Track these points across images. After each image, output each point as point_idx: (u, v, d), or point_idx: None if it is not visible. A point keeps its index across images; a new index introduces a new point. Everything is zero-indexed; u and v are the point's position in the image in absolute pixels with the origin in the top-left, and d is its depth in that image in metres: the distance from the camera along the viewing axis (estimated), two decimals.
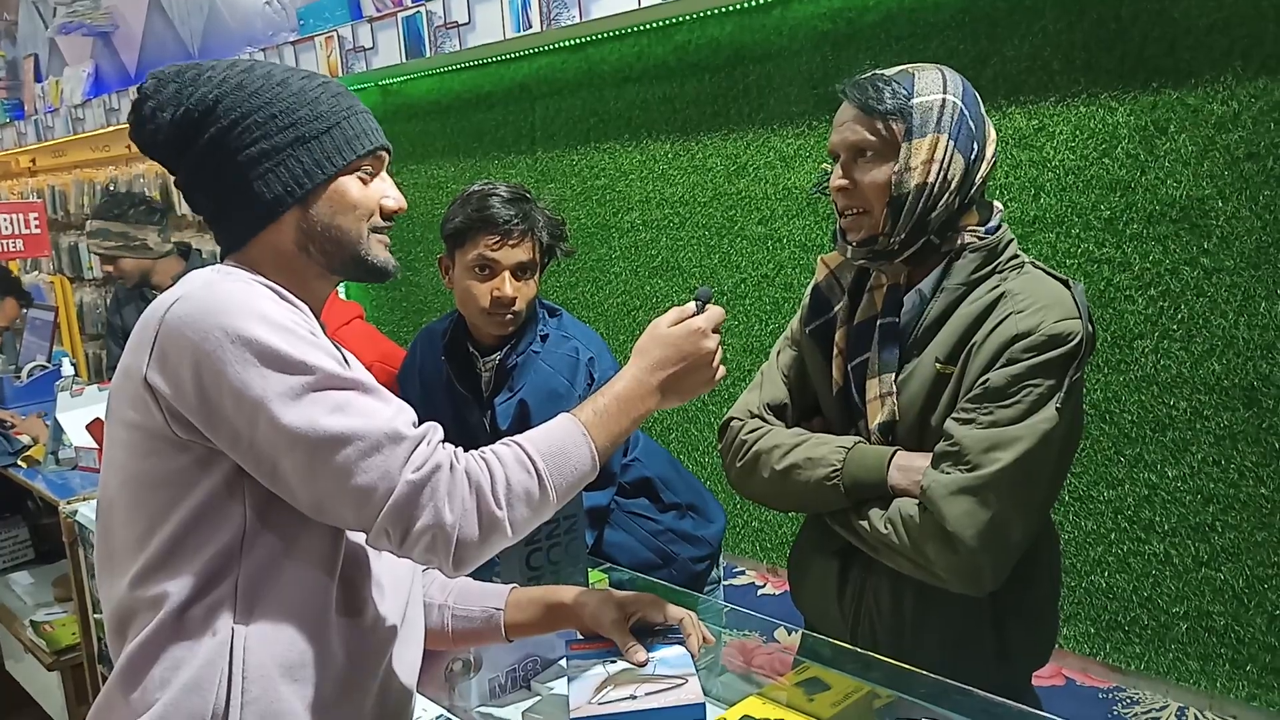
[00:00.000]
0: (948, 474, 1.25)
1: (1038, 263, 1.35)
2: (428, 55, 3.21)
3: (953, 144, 1.28)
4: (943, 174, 1.28)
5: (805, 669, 1.32)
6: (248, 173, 1.05)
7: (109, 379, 1.26)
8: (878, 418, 1.34)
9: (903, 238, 1.30)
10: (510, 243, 1.79)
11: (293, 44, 3.81)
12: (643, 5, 2.50)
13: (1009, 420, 1.23)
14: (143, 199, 3.38)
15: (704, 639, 1.25)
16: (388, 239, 1.14)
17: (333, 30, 3.58)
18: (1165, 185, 1.92)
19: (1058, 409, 1.23)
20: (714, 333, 1.18)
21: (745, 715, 1.22)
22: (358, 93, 3.62)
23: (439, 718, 1.30)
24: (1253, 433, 1.87)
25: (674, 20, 2.73)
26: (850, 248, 1.35)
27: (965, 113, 1.29)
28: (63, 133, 5.77)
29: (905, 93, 1.29)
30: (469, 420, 1.92)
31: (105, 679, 1.07)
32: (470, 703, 1.35)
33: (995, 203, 1.37)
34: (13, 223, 4.51)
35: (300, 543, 1.02)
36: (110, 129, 5.28)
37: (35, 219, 4.59)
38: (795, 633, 1.48)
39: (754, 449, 1.43)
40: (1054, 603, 1.45)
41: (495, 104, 3.37)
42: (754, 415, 1.47)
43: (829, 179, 1.36)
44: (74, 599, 2.52)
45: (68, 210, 6.33)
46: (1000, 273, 1.31)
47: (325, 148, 1.07)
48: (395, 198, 1.13)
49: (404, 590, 1.15)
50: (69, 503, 2.39)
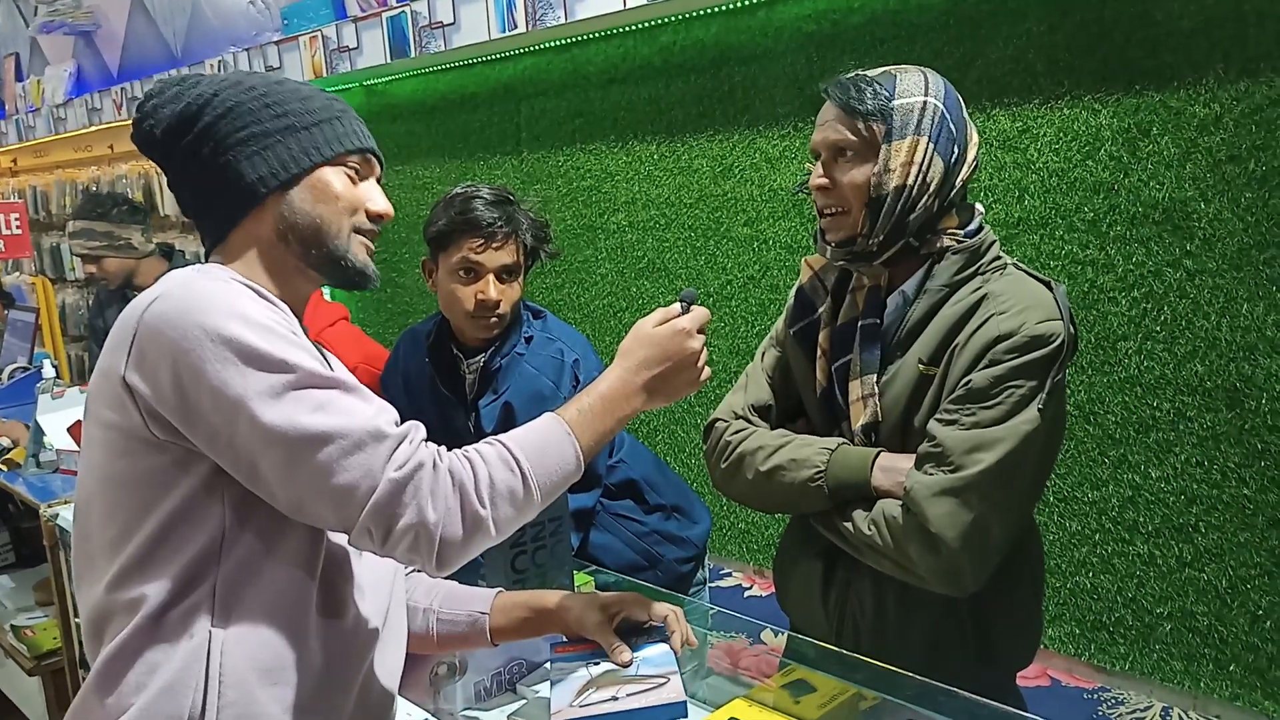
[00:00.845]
0: (930, 475, 1.25)
1: (1020, 264, 1.35)
2: (413, 55, 3.20)
3: (933, 146, 1.28)
4: (921, 176, 1.28)
5: (791, 671, 1.32)
6: (234, 155, 1.06)
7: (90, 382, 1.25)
8: (860, 419, 1.34)
9: (881, 239, 1.31)
10: (494, 245, 1.79)
11: (277, 44, 3.79)
12: (628, 6, 2.50)
13: (991, 421, 1.24)
14: (125, 199, 3.35)
15: (686, 639, 1.25)
16: (371, 245, 1.14)
17: (317, 30, 3.56)
18: (1148, 187, 1.93)
19: (1040, 410, 1.23)
20: (699, 333, 1.18)
21: (732, 717, 1.22)
22: (342, 93, 3.61)
23: None
24: (1235, 434, 1.88)
25: (659, 21, 2.73)
26: (830, 248, 1.35)
27: (946, 115, 1.30)
28: (44, 132, 5.73)
29: (887, 94, 1.29)
30: (453, 422, 1.91)
31: None
32: (455, 706, 1.34)
33: (976, 205, 1.38)
34: None
35: (280, 545, 1.01)
36: (92, 129, 5.24)
37: (16, 219, 4.54)
38: (781, 634, 1.48)
39: (738, 450, 1.43)
40: (1037, 603, 1.46)
41: (481, 105, 3.36)
42: (739, 416, 1.47)
43: (810, 178, 1.37)
44: (55, 603, 2.50)
45: (49, 211, 6.28)
46: (983, 274, 1.32)
47: (314, 138, 1.08)
48: (382, 202, 1.13)
49: (385, 592, 1.14)
50: (50, 506, 2.37)
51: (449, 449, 1.03)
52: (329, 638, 1.04)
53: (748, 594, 2.73)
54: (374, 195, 1.13)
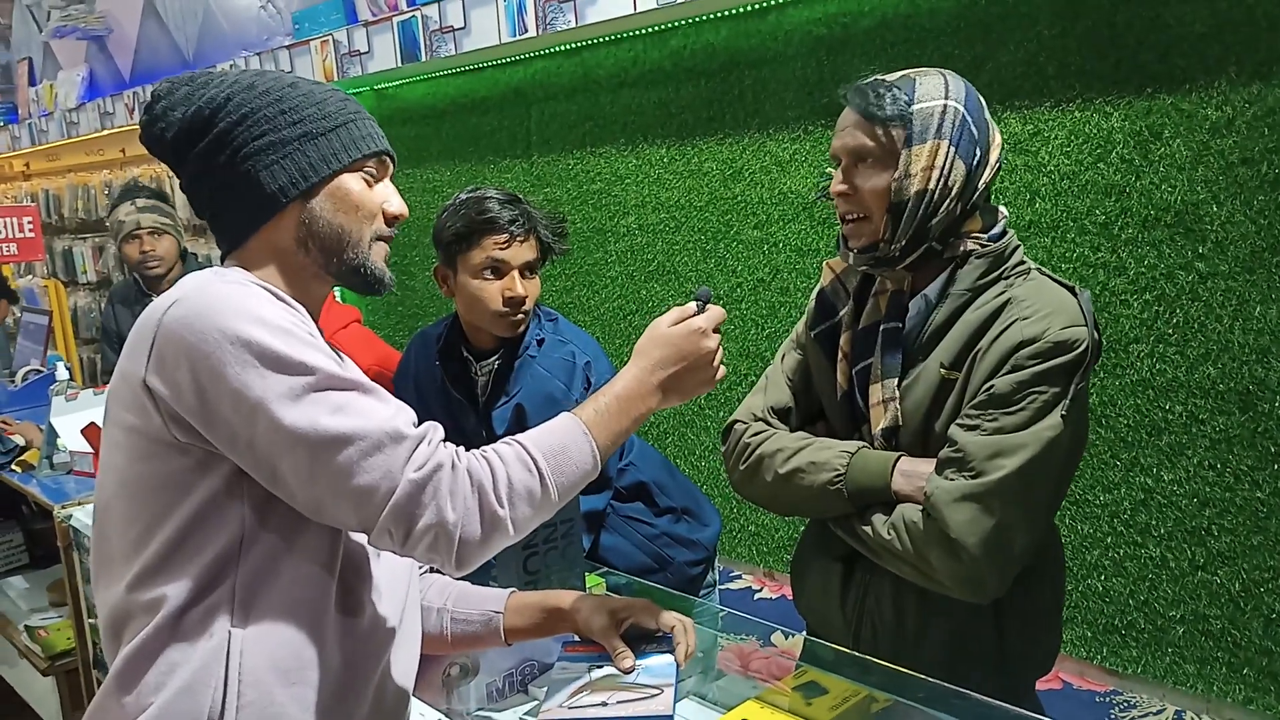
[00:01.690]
0: (951, 480, 1.24)
1: (1044, 269, 1.34)
2: (423, 60, 3.21)
3: (954, 150, 1.27)
4: (943, 181, 1.27)
5: (803, 673, 1.32)
6: (253, 164, 1.06)
7: (103, 383, 1.27)
8: (881, 423, 1.33)
9: (903, 244, 1.29)
10: (518, 240, 1.81)
11: (288, 48, 3.81)
12: (638, 10, 2.51)
13: (1014, 427, 1.22)
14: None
15: (690, 651, 1.25)
16: (388, 249, 1.14)
17: (328, 34, 3.58)
18: (1160, 190, 1.93)
19: (1063, 416, 1.22)
20: (714, 333, 1.19)
21: (743, 719, 1.22)
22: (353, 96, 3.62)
23: None
24: (1248, 436, 1.87)
25: (669, 25, 2.73)
26: (852, 254, 1.35)
27: (968, 118, 1.28)
28: (57, 136, 5.77)
29: (906, 99, 1.28)
30: (465, 425, 1.92)
31: (100, 684, 1.07)
32: (468, 707, 1.35)
33: (1000, 208, 1.36)
34: (7, 226, 4.50)
35: (299, 545, 1.01)
36: (104, 133, 5.27)
37: (29, 223, 4.58)
38: (792, 637, 1.48)
39: (757, 452, 1.42)
40: (1058, 610, 1.45)
41: (491, 108, 3.37)
42: (758, 419, 1.47)
43: (831, 184, 1.36)
44: (69, 604, 2.52)
45: (62, 214, 6.31)
46: (1006, 279, 1.30)
47: (332, 144, 1.08)
48: (398, 203, 1.14)
49: (401, 593, 1.15)
50: (64, 507, 2.38)
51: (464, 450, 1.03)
52: (347, 638, 1.05)
53: (758, 596, 2.73)
54: (390, 197, 1.14)
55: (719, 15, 2.62)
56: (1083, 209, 2.04)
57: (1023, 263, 1.33)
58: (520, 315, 1.84)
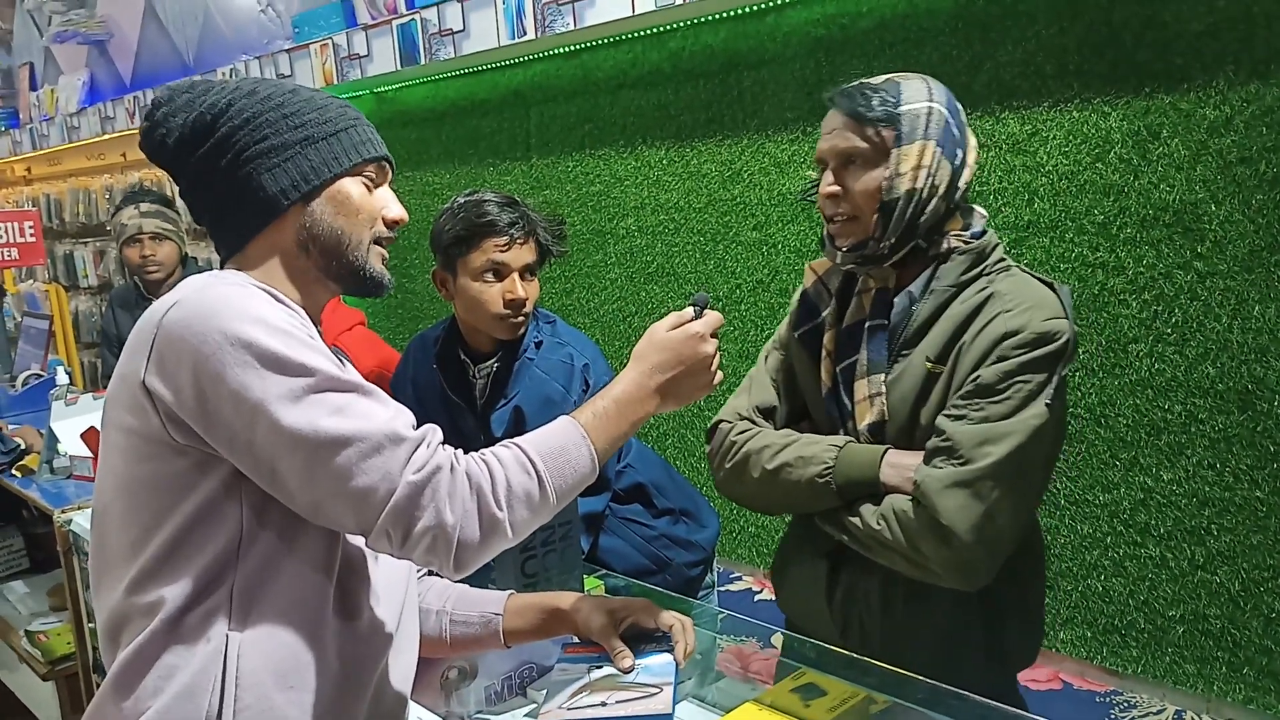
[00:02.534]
0: (941, 469, 1.27)
1: (1023, 266, 1.38)
2: (423, 62, 3.21)
3: (940, 150, 1.31)
4: (931, 179, 1.31)
5: (801, 675, 1.32)
6: (254, 168, 1.06)
7: (104, 387, 1.27)
8: (867, 418, 1.36)
9: (893, 242, 1.33)
10: (518, 243, 1.81)
11: (288, 52, 3.81)
12: (637, 12, 2.51)
13: (1000, 416, 1.26)
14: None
15: (689, 651, 1.25)
16: (386, 252, 1.15)
17: (328, 38, 3.58)
18: (1158, 190, 1.93)
19: (1047, 405, 1.26)
20: (712, 337, 1.19)
21: None
22: (353, 100, 3.62)
23: None
24: (1247, 436, 1.87)
25: (668, 27, 2.73)
26: (840, 253, 1.37)
27: (950, 120, 1.33)
28: (58, 141, 5.77)
29: (893, 100, 1.32)
30: (463, 428, 1.92)
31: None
32: (467, 710, 1.35)
33: (977, 207, 1.40)
34: (8, 231, 4.51)
35: (297, 547, 1.02)
36: (105, 137, 5.28)
37: (30, 227, 4.58)
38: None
39: (744, 449, 1.44)
40: (1042, 601, 1.47)
41: (490, 111, 3.37)
42: (743, 417, 1.49)
43: (816, 186, 1.39)
44: (69, 608, 2.52)
45: (63, 219, 6.32)
46: (988, 275, 1.34)
47: (333, 149, 1.09)
48: (397, 209, 1.15)
49: (399, 596, 1.15)
50: (64, 512, 2.38)
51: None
52: (345, 641, 1.05)
53: (757, 598, 2.73)
54: (390, 202, 1.14)
55: (717, 17, 2.62)
56: (1081, 209, 2.04)
57: (1003, 259, 1.37)
58: (520, 318, 1.84)
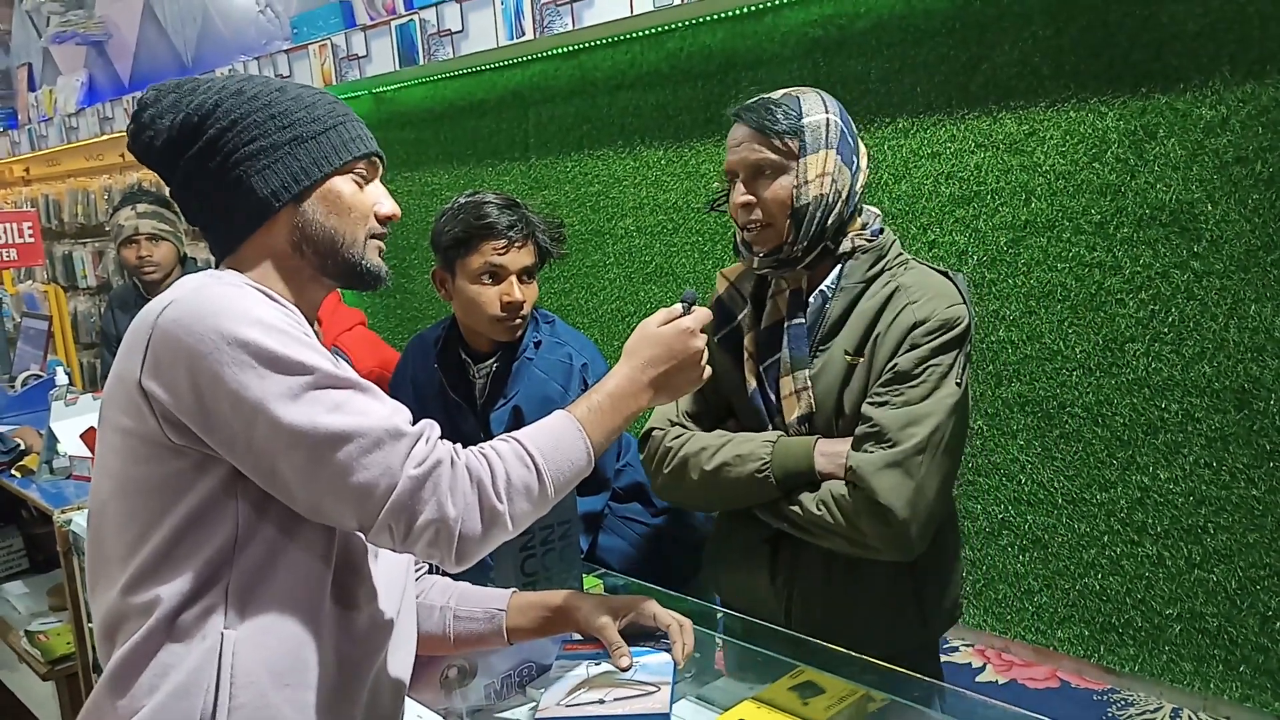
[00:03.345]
0: (872, 452, 1.36)
1: (919, 259, 1.50)
2: (421, 63, 3.22)
3: (839, 159, 1.43)
4: (834, 186, 1.43)
5: (799, 673, 1.33)
6: (244, 170, 1.06)
7: (103, 388, 1.27)
8: (795, 411, 1.46)
9: (804, 245, 1.44)
10: (516, 246, 1.81)
11: (286, 52, 3.81)
12: (635, 13, 2.51)
13: (920, 398, 1.37)
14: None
15: (687, 650, 1.26)
16: (383, 245, 1.15)
17: (326, 38, 3.58)
18: (1155, 189, 1.94)
19: (957, 383, 1.38)
20: (701, 333, 1.21)
21: (740, 719, 1.22)
22: (351, 101, 3.63)
23: None
24: (1244, 435, 1.88)
25: (666, 27, 2.74)
26: (757, 259, 1.48)
27: (845, 131, 1.46)
28: (56, 142, 5.77)
29: (795, 114, 1.44)
30: (463, 428, 1.93)
31: None
32: (466, 709, 1.35)
33: (871, 208, 1.54)
34: (7, 232, 4.51)
35: (295, 545, 1.02)
36: (104, 138, 5.28)
37: (29, 228, 4.59)
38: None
39: (680, 453, 1.52)
40: (959, 563, 1.60)
41: (489, 111, 3.37)
42: (674, 423, 1.57)
43: (724, 196, 1.51)
44: (69, 608, 2.52)
45: (61, 219, 6.32)
46: (890, 269, 1.46)
47: (322, 147, 1.09)
48: (389, 205, 1.15)
49: (397, 593, 1.15)
50: (63, 512, 2.39)
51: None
52: (342, 638, 1.05)
53: None
54: (381, 198, 1.15)
55: (715, 17, 2.62)
56: (1078, 208, 2.04)
57: (901, 254, 1.49)
58: (517, 320, 1.84)
